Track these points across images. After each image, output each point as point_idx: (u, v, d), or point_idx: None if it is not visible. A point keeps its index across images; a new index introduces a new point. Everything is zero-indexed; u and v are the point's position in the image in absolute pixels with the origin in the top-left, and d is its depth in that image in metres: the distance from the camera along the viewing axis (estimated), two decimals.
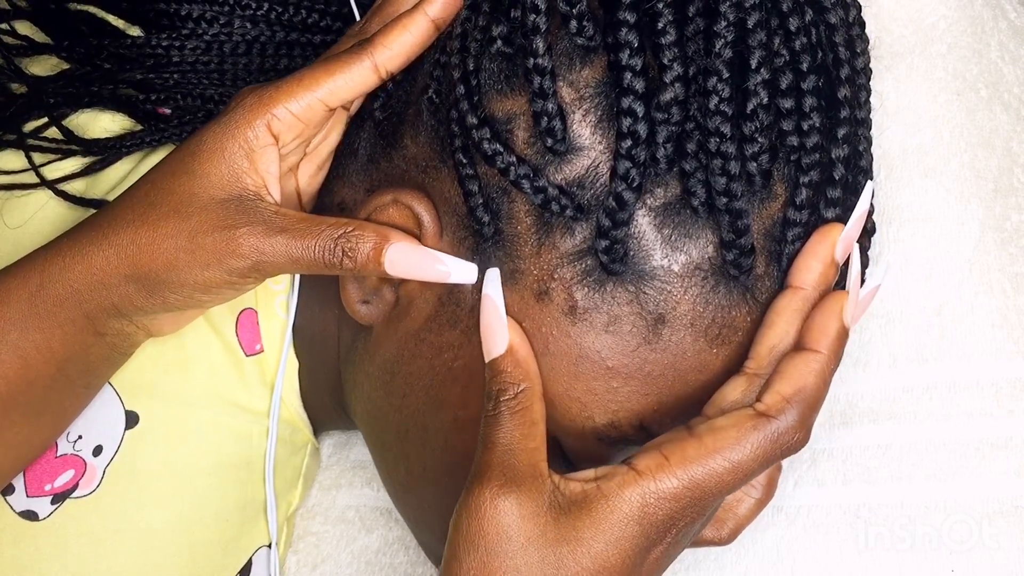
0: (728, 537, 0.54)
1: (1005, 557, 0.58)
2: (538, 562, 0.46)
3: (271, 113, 0.51)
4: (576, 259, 0.49)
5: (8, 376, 0.52)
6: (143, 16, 0.66)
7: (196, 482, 0.59)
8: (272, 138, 0.52)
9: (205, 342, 0.60)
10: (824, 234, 0.50)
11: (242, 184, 0.51)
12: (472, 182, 0.50)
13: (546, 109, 0.48)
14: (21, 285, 0.52)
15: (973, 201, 0.61)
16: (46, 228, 0.64)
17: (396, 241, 0.50)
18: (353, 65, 0.52)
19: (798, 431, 0.47)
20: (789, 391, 0.47)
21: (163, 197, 0.51)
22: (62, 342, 0.53)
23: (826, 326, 0.48)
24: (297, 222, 0.50)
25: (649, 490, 0.46)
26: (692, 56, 0.47)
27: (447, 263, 0.50)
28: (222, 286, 0.51)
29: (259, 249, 0.50)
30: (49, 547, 0.56)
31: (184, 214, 0.50)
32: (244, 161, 0.51)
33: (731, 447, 0.46)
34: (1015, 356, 0.60)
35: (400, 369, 0.55)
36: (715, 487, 0.46)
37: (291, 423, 0.63)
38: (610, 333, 0.49)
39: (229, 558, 0.61)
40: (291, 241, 0.50)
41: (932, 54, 0.62)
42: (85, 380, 0.56)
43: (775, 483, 0.55)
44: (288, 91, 0.52)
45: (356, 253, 0.49)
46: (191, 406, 0.59)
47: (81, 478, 0.57)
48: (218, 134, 0.51)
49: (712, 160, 0.47)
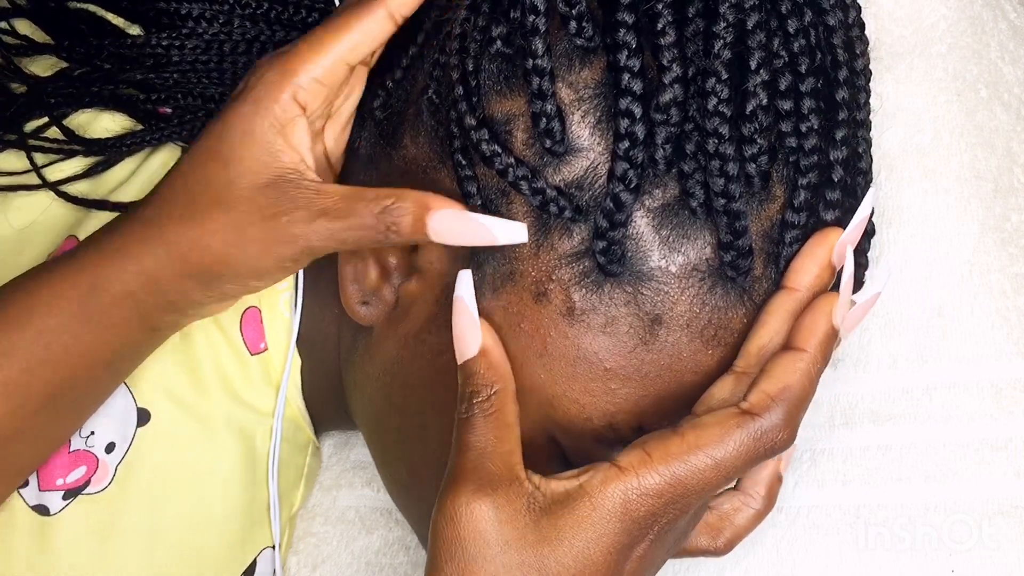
0: (724, 547, 0.54)
1: (1005, 557, 0.58)
2: (518, 564, 0.46)
3: (295, 83, 0.50)
4: (574, 260, 0.49)
5: (57, 375, 0.52)
6: (143, 15, 0.65)
7: (204, 482, 0.59)
8: (300, 108, 0.50)
9: (212, 341, 0.60)
10: (822, 237, 0.49)
11: (280, 164, 0.50)
12: (471, 183, 0.50)
13: (545, 110, 0.48)
14: (71, 288, 0.51)
15: (973, 201, 0.61)
16: (51, 229, 0.64)
17: (437, 209, 0.48)
18: (367, 17, 0.51)
19: (782, 430, 0.47)
20: (774, 389, 0.47)
21: (202, 189, 0.50)
22: (115, 342, 0.53)
23: (814, 326, 0.48)
24: (338, 200, 0.49)
25: (631, 486, 0.46)
26: (691, 57, 0.47)
27: (491, 226, 0.48)
28: (275, 272, 0.51)
29: (304, 235, 0.49)
30: (59, 543, 0.57)
31: (226, 206, 0.50)
32: (277, 139, 0.50)
33: (714, 444, 0.46)
34: (1015, 357, 0.60)
35: (400, 370, 0.55)
36: (697, 484, 0.46)
37: (294, 421, 0.63)
38: (607, 334, 0.49)
39: (235, 559, 0.61)
40: (334, 223, 0.49)
41: (932, 54, 0.62)
42: (126, 375, 0.56)
43: (775, 494, 0.54)
44: (307, 57, 0.50)
45: (399, 226, 0.48)
46: (200, 405, 0.59)
47: (93, 475, 0.58)
48: (245, 115, 0.50)
49: (710, 161, 0.47)
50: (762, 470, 0.53)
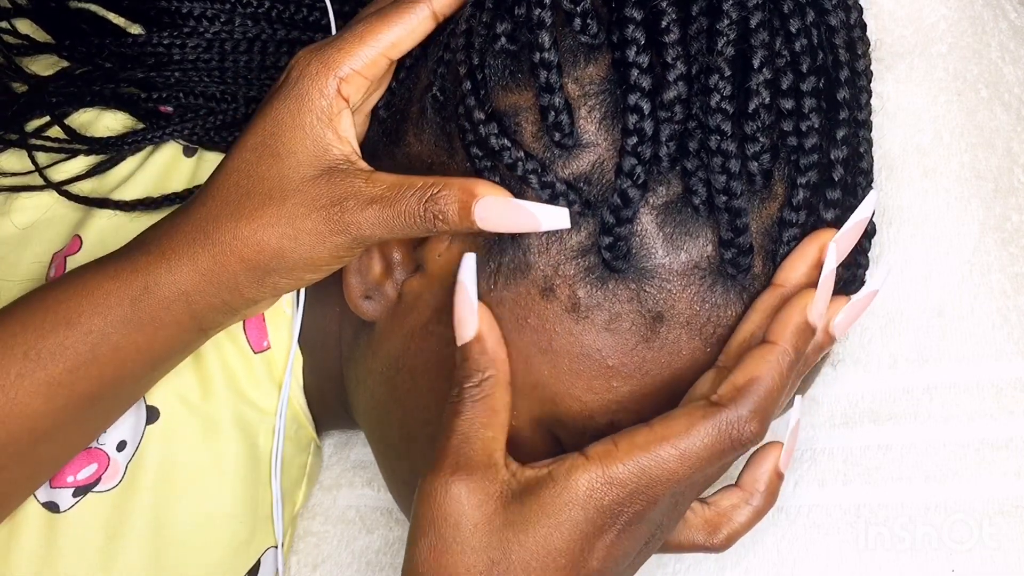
0: (722, 544, 0.53)
1: (1005, 557, 0.58)
2: (484, 547, 0.47)
3: (339, 76, 0.51)
4: (580, 255, 0.49)
5: (103, 376, 0.52)
6: (144, 14, 0.66)
7: (210, 481, 0.59)
8: (344, 101, 0.51)
9: (217, 339, 0.59)
10: (815, 237, 0.50)
11: (331, 156, 0.51)
12: (493, 175, 0.50)
13: (553, 103, 0.48)
14: (123, 288, 0.51)
15: (973, 201, 0.61)
16: (55, 228, 0.64)
17: (482, 196, 0.48)
18: (411, 14, 0.52)
19: (749, 422, 0.46)
20: (741, 381, 0.47)
21: (255, 184, 0.51)
22: (165, 342, 0.53)
23: (787, 319, 0.48)
24: (387, 188, 0.49)
25: (596, 475, 0.46)
26: (695, 55, 0.48)
27: (536, 212, 0.48)
28: (330, 262, 0.51)
29: (356, 223, 0.49)
30: (68, 540, 0.57)
31: (279, 199, 0.50)
32: (327, 131, 0.51)
33: (679, 435, 0.46)
34: (1015, 356, 0.60)
35: (405, 364, 0.55)
36: (663, 475, 0.46)
37: (296, 420, 0.63)
38: (610, 331, 0.49)
39: (239, 558, 0.61)
40: (383, 211, 0.49)
41: (932, 54, 0.62)
42: (163, 375, 0.56)
43: (775, 492, 0.54)
44: (350, 50, 0.51)
45: (446, 215, 0.48)
46: (207, 403, 0.59)
47: (104, 472, 0.57)
48: (293, 110, 0.51)
49: (713, 158, 0.47)
50: (761, 466, 0.53)
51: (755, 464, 0.53)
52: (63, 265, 0.62)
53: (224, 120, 0.65)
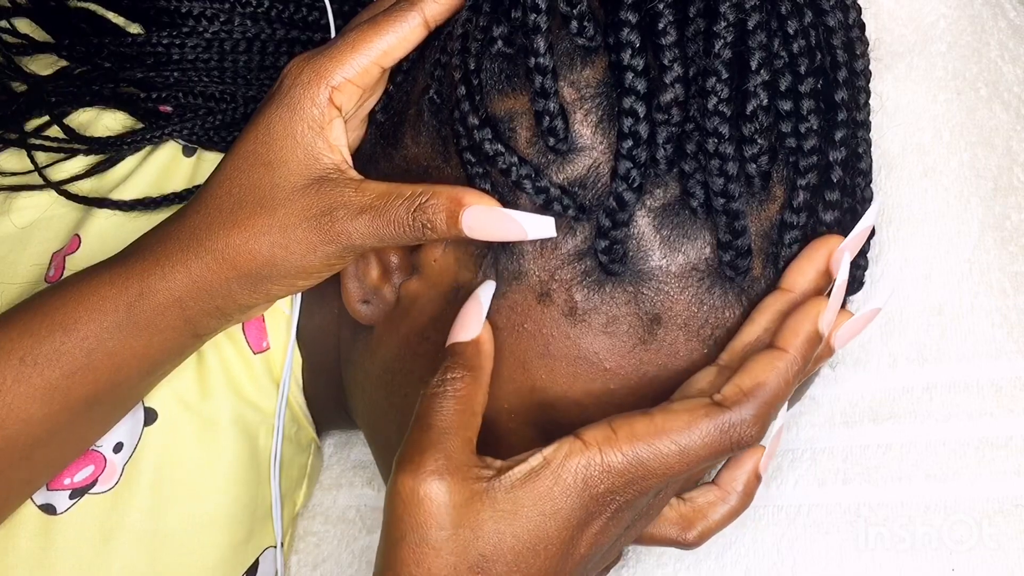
0: (695, 541, 0.53)
1: (1005, 557, 0.58)
2: (472, 541, 0.46)
3: (330, 85, 0.51)
4: (576, 260, 0.49)
5: (99, 381, 0.53)
6: (143, 14, 0.66)
7: (209, 482, 0.59)
8: (336, 110, 0.51)
9: (217, 340, 0.60)
10: (823, 243, 0.50)
11: (321, 165, 0.51)
12: (484, 180, 0.50)
13: (548, 108, 0.48)
14: (119, 293, 0.52)
15: (973, 200, 0.61)
16: (54, 227, 0.64)
17: (470, 205, 0.49)
18: (402, 22, 0.52)
19: (751, 426, 0.46)
20: (748, 385, 0.47)
21: (247, 193, 0.51)
22: (160, 347, 0.53)
23: (798, 327, 0.48)
24: (376, 198, 0.50)
25: (594, 461, 0.46)
26: (692, 57, 0.47)
27: (522, 221, 0.48)
28: (322, 270, 0.52)
29: (346, 233, 0.50)
30: (65, 542, 0.57)
31: (270, 208, 0.51)
32: (318, 140, 0.51)
33: (680, 430, 0.46)
34: (1015, 355, 0.60)
35: (402, 367, 0.55)
36: (660, 468, 0.46)
37: (296, 420, 0.63)
38: (608, 334, 0.49)
39: (237, 559, 0.61)
40: (373, 220, 0.49)
41: (932, 53, 0.62)
42: (159, 381, 0.57)
43: (752, 493, 0.54)
44: (342, 59, 0.51)
45: (434, 224, 0.49)
46: (206, 404, 0.59)
47: (101, 474, 0.58)
48: (284, 118, 0.51)
49: (710, 161, 0.47)
50: (741, 467, 0.53)
51: (735, 464, 0.53)
52: (62, 264, 0.62)
53: (223, 120, 0.65)
